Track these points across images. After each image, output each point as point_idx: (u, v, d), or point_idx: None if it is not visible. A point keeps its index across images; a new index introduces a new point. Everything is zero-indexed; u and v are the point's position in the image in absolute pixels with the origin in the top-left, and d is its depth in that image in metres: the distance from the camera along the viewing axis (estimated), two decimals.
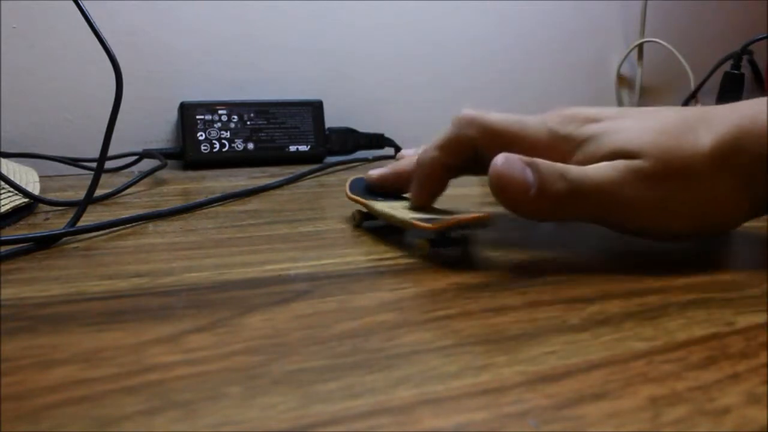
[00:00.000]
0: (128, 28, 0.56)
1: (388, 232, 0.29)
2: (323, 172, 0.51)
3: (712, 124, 0.24)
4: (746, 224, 0.26)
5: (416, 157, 0.29)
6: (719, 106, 0.25)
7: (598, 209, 0.24)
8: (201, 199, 0.35)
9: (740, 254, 0.27)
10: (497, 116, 0.27)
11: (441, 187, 0.29)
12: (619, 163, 0.24)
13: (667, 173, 0.24)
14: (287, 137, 0.58)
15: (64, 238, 0.27)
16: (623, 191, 0.24)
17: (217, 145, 0.56)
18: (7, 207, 0.30)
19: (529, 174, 0.24)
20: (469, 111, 0.28)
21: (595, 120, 0.26)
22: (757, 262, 0.25)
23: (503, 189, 0.24)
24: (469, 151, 0.28)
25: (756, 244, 0.28)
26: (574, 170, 0.24)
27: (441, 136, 0.28)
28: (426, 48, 0.68)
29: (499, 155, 0.24)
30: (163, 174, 0.50)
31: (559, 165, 0.24)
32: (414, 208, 0.28)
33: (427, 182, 0.29)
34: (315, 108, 0.60)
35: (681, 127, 0.24)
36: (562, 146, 0.26)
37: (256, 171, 0.52)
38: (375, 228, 0.29)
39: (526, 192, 0.24)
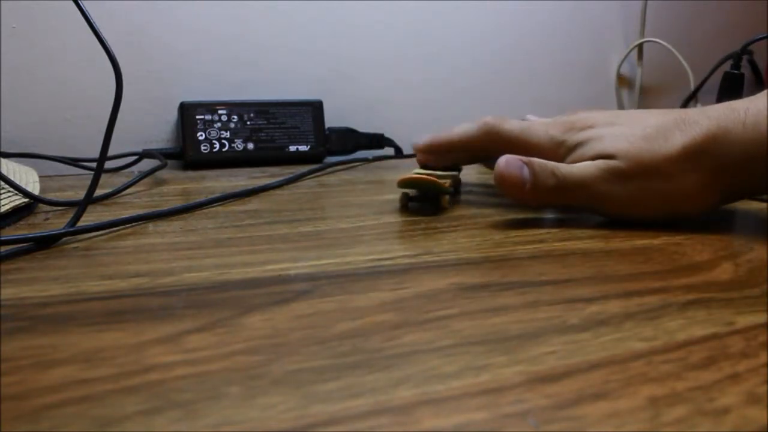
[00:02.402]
0: (128, 28, 0.56)
1: (388, 231, 0.29)
2: (323, 172, 0.51)
3: (686, 128, 0.28)
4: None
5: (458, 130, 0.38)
6: (696, 110, 0.29)
7: (581, 199, 0.30)
8: (201, 199, 0.35)
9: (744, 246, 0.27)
10: (510, 127, 0.34)
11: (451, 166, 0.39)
12: (600, 162, 0.30)
13: (637, 171, 0.29)
14: (287, 137, 0.58)
15: (64, 238, 0.27)
16: (600, 185, 0.30)
17: (217, 145, 0.56)
18: (7, 207, 0.30)
19: (526, 172, 0.30)
20: (489, 121, 0.35)
21: (590, 126, 0.32)
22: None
23: (505, 184, 0.30)
24: (480, 153, 0.37)
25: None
26: (563, 168, 0.30)
27: (463, 132, 0.36)
28: (426, 48, 0.68)
29: (502, 157, 0.30)
30: (163, 174, 0.50)
31: (552, 163, 0.30)
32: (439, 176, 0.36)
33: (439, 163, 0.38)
34: (315, 108, 0.60)
35: (658, 132, 0.29)
36: (559, 149, 0.33)
37: (256, 171, 0.52)
38: (414, 209, 0.34)
39: (523, 186, 0.30)
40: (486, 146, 0.35)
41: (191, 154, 0.55)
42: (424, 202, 0.35)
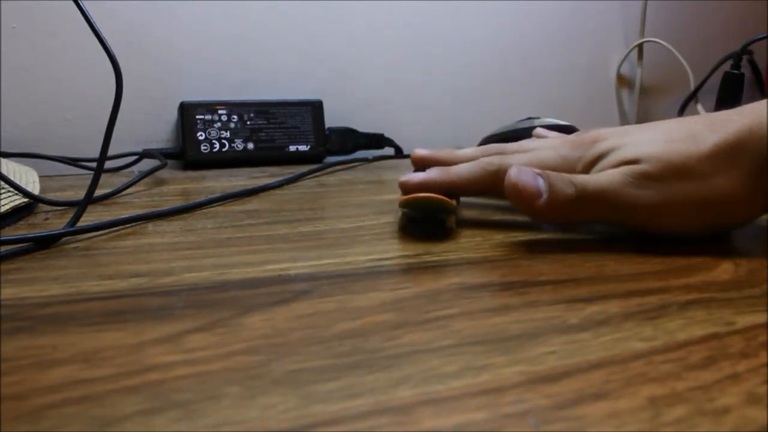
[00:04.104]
0: (128, 28, 0.56)
1: (388, 231, 0.29)
2: (323, 172, 0.51)
3: (716, 128, 0.25)
4: None
5: (457, 157, 0.34)
6: (728, 111, 0.26)
7: (604, 210, 0.26)
8: (201, 199, 0.35)
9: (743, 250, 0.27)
10: (517, 160, 0.30)
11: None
12: (623, 168, 0.26)
13: (667, 172, 0.25)
14: (287, 137, 0.58)
15: (64, 238, 0.27)
16: (625, 191, 0.26)
17: (217, 145, 0.56)
18: (7, 207, 0.30)
19: (540, 182, 0.26)
20: (494, 161, 0.30)
21: (604, 139, 0.29)
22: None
23: (518, 195, 0.26)
24: (486, 190, 0.31)
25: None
26: (581, 177, 0.27)
27: (468, 170, 0.30)
28: (426, 48, 0.68)
29: (513, 167, 0.27)
30: (163, 174, 0.50)
31: (568, 174, 0.27)
32: None
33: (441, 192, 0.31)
34: (315, 108, 0.60)
35: (683, 134, 0.26)
36: (575, 168, 0.29)
37: (256, 171, 0.52)
38: (413, 230, 0.30)
39: (538, 197, 0.26)
40: (492, 187, 0.30)
41: (191, 154, 0.55)
42: (427, 224, 0.31)
